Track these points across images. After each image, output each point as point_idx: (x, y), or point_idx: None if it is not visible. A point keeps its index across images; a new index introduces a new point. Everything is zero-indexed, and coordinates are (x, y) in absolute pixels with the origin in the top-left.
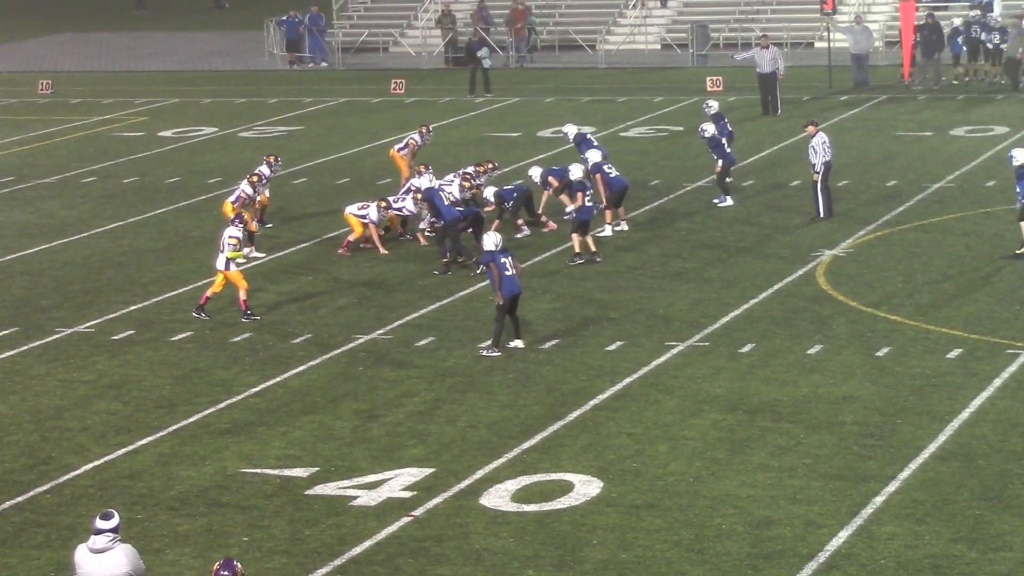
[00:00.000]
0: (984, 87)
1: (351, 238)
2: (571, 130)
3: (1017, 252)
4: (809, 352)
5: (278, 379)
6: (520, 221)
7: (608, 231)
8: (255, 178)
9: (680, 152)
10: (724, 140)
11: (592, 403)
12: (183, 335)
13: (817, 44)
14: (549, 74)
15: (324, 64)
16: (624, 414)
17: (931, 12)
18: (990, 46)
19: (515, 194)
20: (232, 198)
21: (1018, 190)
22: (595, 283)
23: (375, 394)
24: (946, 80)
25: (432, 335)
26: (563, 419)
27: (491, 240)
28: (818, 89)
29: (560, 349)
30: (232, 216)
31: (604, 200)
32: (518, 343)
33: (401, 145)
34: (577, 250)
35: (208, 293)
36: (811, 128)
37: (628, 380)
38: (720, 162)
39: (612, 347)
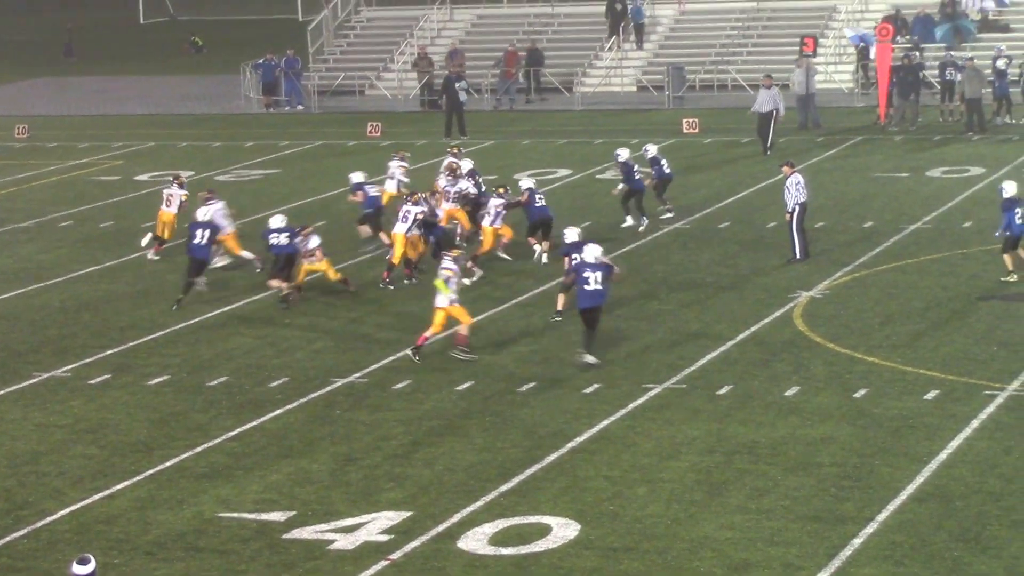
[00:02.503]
0: (960, 128)
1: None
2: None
3: (1002, 279)
4: (786, 394)
5: (255, 423)
6: (470, 264)
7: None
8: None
9: (651, 194)
10: (657, 180)
11: (569, 445)
12: (160, 379)
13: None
14: (525, 116)
15: (300, 107)
16: (602, 456)
17: (907, 53)
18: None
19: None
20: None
21: (1003, 222)
22: (573, 325)
23: (352, 437)
24: (923, 120)
25: (409, 378)
26: (540, 462)
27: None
28: (794, 130)
29: (537, 391)
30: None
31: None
32: (588, 358)
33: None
34: (559, 307)
35: (427, 333)
36: (786, 169)
37: (606, 422)
38: (623, 186)
39: (589, 389)
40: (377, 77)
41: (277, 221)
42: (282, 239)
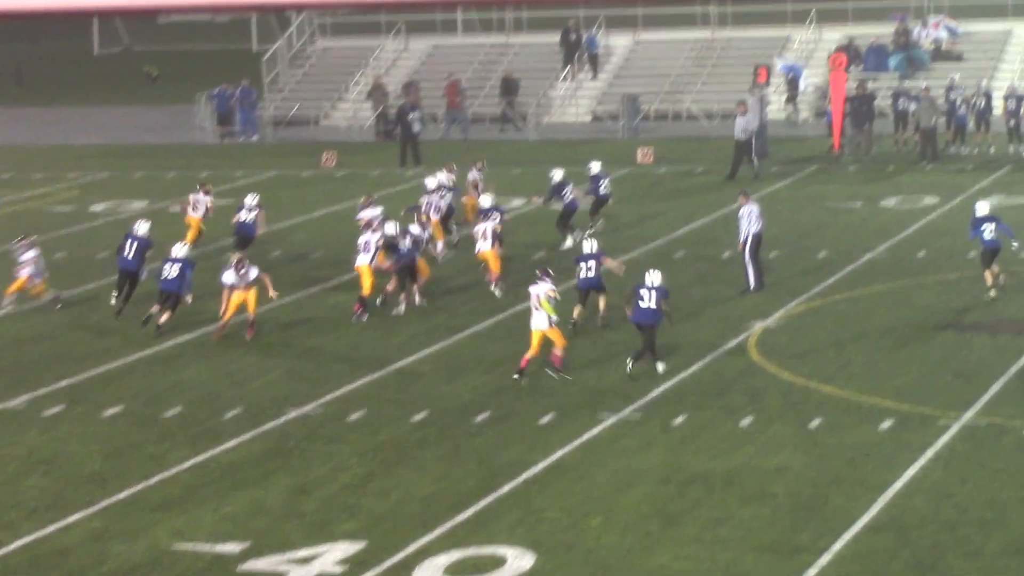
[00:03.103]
0: (914, 157)
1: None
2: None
3: (985, 297)
4: (741, 424)
5: (210, 454)
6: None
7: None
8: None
9: (609, 224)
10: (592, 196)
11: (525, 476)
12: (114, 410)
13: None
14: (480, 146)
15: (255, 137)
16: (557, 487)
17: (862, 82)
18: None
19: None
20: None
21: (971, 234)
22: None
23: (307, 468)
24: (876, 150)
25: (364, 409)
26: (496, 492)
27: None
28: (747, 160)
29: (492, 422)
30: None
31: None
32: (659, 365)
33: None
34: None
35: (528, 355)
36: (742, 198)
37: (561, 452)
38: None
39: (545, 419)
40: (332, 107)
41: (176, 250)
42: (173, 271)
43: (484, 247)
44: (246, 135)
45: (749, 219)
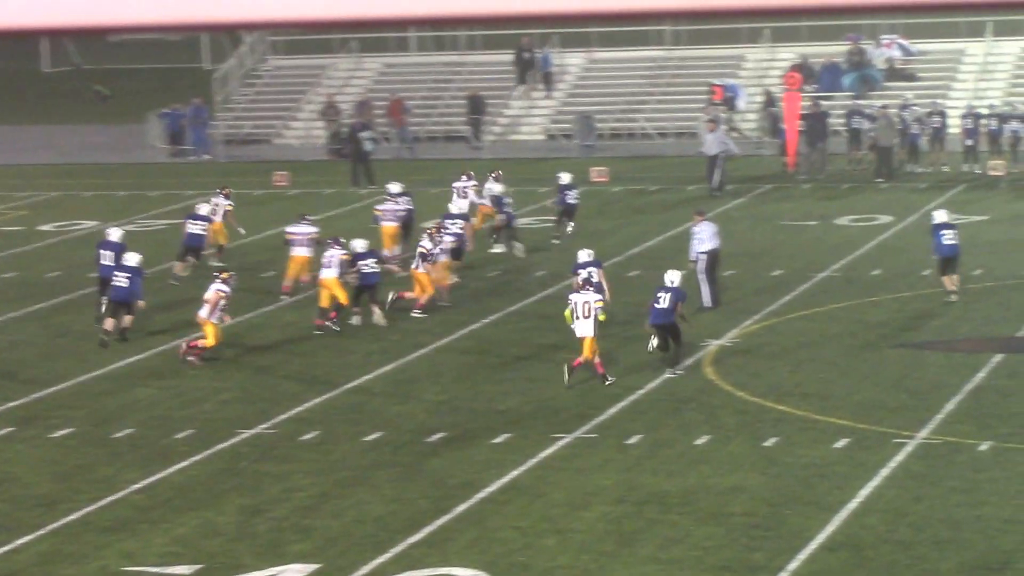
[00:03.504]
0: (868, 176)
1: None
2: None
3: (945, 301)
4: (697, 443)
5: (160, 475)
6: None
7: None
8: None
9: (564, 242)
10: (560, 207)
11: (479, 496)
12: (64, 431)
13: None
14: (433, 165)
15: (207, 156)
16: (511, 507)
17: (816, 101)
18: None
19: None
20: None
21: (933, 244)
22: (482, 375)
23: (259, 489)
24: (830, 169)
25: (317, 429)
26: (450, 512)
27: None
28: (702, 179)
29: (447, 442)
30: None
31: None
32: (674, 372)
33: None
34: None
35: (597, 361)
36: (696, 217)
37: (515, 472)
38: (503, 217)
39: (499, 439)
40: (284, 126)
41: (131, 259)
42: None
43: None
44: (198, 154)
45: (701, 237)
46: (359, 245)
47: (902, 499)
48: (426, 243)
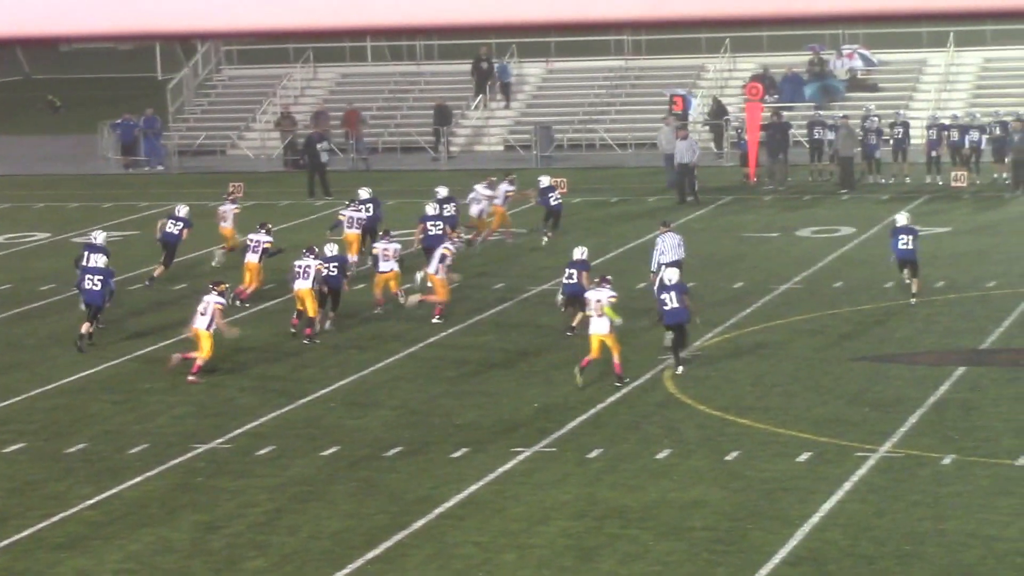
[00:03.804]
0: (830, 187)
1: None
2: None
3: (913, 301)
4: (657, 457)
5: (114, 491)
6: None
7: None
8: None
9: (523, 255)
10: (545, 208)
11: (437, 511)
12: (15, 447)
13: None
14: (391, 176)
15: (160, 167)
16: (470, 522)
17: (776, 111)
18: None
19: None
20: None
21: (891, 245)
22: (440, 388)
23: (215, 505)
24: (792, 180)
25: (273, 443)
26: (408, 528)
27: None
28: (663, 190)
29: (404, 456)
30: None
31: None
32: (680, 368)
33: (500, 201)
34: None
35: (588, 358)
36: (661, 228)
37: (474, 487)
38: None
39: (457, 453)
40: (239, 137)
41: (99, 260)
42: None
43: (390, 267)
44: (151, 165)
45: (663, 248)
46: (328, 250)
47: (864, 513)
48: (450, 246)
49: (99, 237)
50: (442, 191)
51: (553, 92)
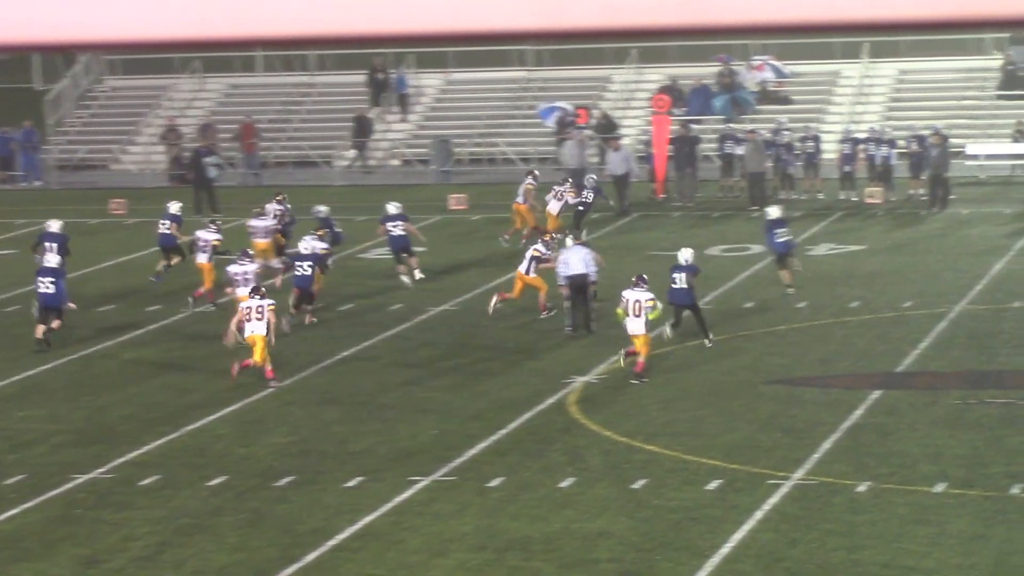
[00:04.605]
0: (741, 204)
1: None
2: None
3: (790, 291)
4: (561, 485)
5: None
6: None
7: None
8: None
9: (425, 274)
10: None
11: (331, 543)
12: None
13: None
14: (282, 191)
15: (38, 183)
16: (365, 555)
17: (685, 124)
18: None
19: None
20: None
21: (766, 241)
22: (333, 414)
23: (95, 538)
24: (702, 196)
25: (157, 473)
26: (299, 561)
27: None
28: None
29: (296, 486)
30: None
31: None
32: (707, 341)
33: (519, 198)
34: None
35: (640, 360)
36: (570, 241)
37: (369, 518)
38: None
39: (352, 483)
40: (122, 151)
41: (51, 260)
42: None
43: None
44: (28, 180)
45: (567, 261)
46: (303, 247)
47: (777, 543)
48: (540, 247)
49: (55, 226)
50: (392, 208)
51: (452, 104)
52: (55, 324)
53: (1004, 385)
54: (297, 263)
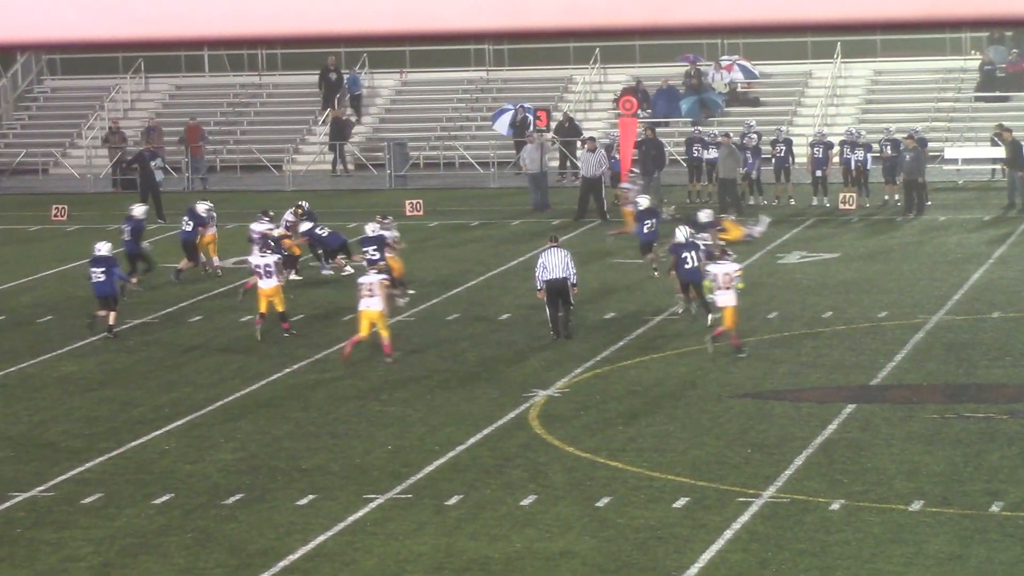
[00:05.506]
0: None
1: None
2: None
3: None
4: (522, 503)
5: None
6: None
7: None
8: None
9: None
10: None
11: (281, 564)
12: None
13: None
14: (230, 197)
15: None
16: None
17: (651, 127)
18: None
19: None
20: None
21: (635, 230)
22: (284, 430)
23: (35, 559)
24: (668, 201)
25: (100, 491)
26: None
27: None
28: (528, 211)
29: (245, 504)
30: None
31: None
32: (710, 318)
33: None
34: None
35: (734, 334)
36: (550, 243)
37: (322, 538)
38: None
39: (303, 501)
40: (63, 154)
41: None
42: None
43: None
44: None
45: (546, 265)
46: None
47: (747, 563)
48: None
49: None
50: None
51: (407, 106)
52: (112, 317)
53: (983, 399)
54: (363, 248)
